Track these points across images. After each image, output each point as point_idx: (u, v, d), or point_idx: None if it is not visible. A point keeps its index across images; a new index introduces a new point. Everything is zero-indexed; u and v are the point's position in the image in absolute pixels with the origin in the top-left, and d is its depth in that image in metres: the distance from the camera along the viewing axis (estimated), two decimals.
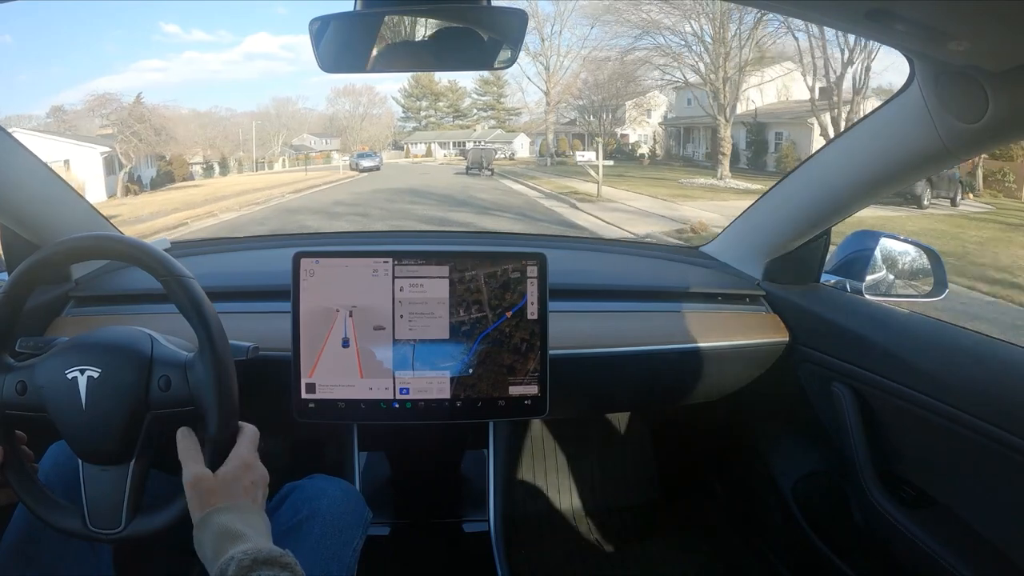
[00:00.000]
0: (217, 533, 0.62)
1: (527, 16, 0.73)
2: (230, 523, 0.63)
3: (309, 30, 0.74)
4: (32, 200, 1.07)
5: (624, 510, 1.63)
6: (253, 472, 0.70)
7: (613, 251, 1.61)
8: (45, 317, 1.12)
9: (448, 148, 38.89)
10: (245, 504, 0.67)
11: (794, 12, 0.74)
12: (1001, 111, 0.72)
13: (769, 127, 21.17)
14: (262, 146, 34.97)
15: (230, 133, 33.39)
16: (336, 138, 39.76)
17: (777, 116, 20.93)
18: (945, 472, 0.98)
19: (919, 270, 1.28)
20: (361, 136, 39.89)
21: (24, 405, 0.72)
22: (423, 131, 43.67)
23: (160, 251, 0.73)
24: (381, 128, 42.24)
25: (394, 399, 1.01)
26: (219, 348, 0.71)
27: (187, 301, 0.71)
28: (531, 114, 37.63)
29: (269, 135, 35.41)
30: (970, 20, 0.61)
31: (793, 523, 1.26)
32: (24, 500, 0.72)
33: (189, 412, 0.72)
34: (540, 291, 1.03)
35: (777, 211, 1.25)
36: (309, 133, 39.18)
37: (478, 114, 45.05)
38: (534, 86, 42.67)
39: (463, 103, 45.20)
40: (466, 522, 1.21)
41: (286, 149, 36.35)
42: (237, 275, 1.27)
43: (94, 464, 0.72)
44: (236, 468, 0.69)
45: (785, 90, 21.82)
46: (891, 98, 0.90)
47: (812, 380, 1.20)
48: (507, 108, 43.95)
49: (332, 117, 42.01)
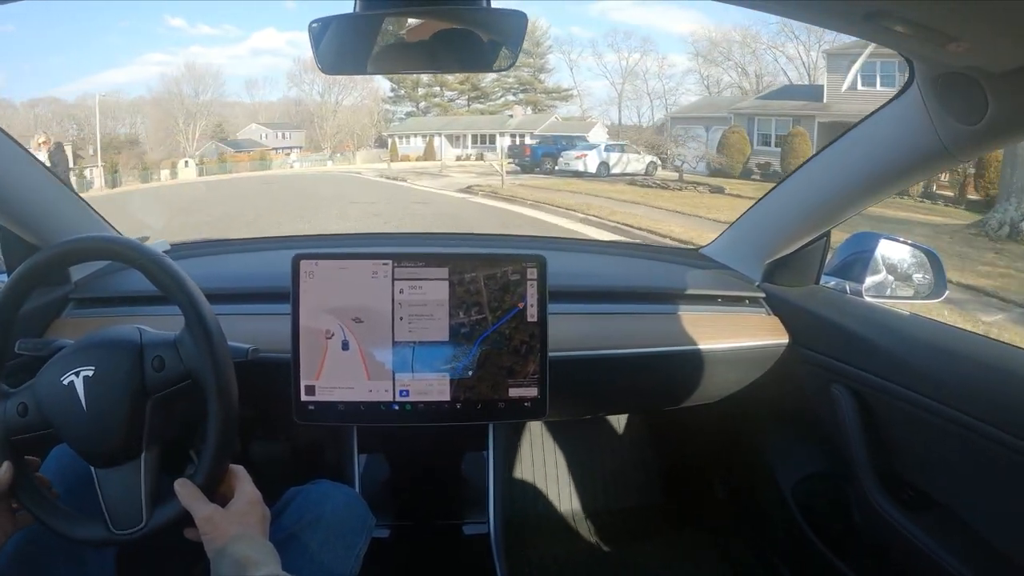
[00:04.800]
0: (236, 561, 0.65)
1: (527, 18, 0.73)
2: (248, 551, 0.66)
3: (309, 31, 0.74)
4: (31, 201, 1.07)
5: (624, 512, 1.63)
6: (261, 507, 0.73)
7: (613, 253, 1.61)
8: (44, 319, 1.12)
9: (464, 144, 25.57)
10: (258, 536, 0.70)
11: (793, 14, 0.74)
12: (1001, 112, 0.72)
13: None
14: (166, 141, 25.24)
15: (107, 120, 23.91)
16: (299, 130, 28.69)
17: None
18: (945, 473, 0.98)
19: (918, 271, 1.28)
20: (332, 127, 28.68)
21: (29, 426, 0.72)
22: (422, 116, 29.38)
23: (159, 253, 0.73)
24: (361, 116, 29.77)
25: (394, 401, 1.01)
26: (208, 321, 0.71)
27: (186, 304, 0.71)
28: (587, 102, 26.63)
29: (175, 124, 25.57)
30: (969, 22, 0.61)
31: (793, 524, 1.26)
32: (44, 522, 0.72)
33: (188, 386, 0.73)
34: (540, 293, 1.03)
35: (777, 212, 1.25)
36: (260, 124, 28.28)
37: (505, 96, 30.15)
38: (592, 61, 30.32)
39: (484, 78, 28.76)
40: (466, 524, 1.20)
41: (214, 145, 25.80)
42: (237, 277, 1.27)
43: (107, 467, 0.72)
44: (245, 504, 0.72)
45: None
46: (890, 100, 0.90)
47: (812, 382, 1.20)
48: (549, 90, 29.72)
49: (298, 101, 30.18)
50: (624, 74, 27.26)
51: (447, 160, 23.78)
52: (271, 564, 0.66)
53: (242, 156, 25.25)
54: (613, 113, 27.67)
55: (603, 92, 29.82)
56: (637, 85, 27.73)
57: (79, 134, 24.71)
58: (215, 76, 30.90)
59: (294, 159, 26.72)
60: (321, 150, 27.87)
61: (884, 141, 0.94)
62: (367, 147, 28.11)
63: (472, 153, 25.21)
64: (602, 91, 30.12)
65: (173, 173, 22.61)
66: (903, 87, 0.85)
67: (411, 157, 25.17)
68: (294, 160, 26.54)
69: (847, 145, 1.04)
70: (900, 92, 0.87)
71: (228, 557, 0.65)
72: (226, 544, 0.67)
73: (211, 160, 24.69)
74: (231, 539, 0.67)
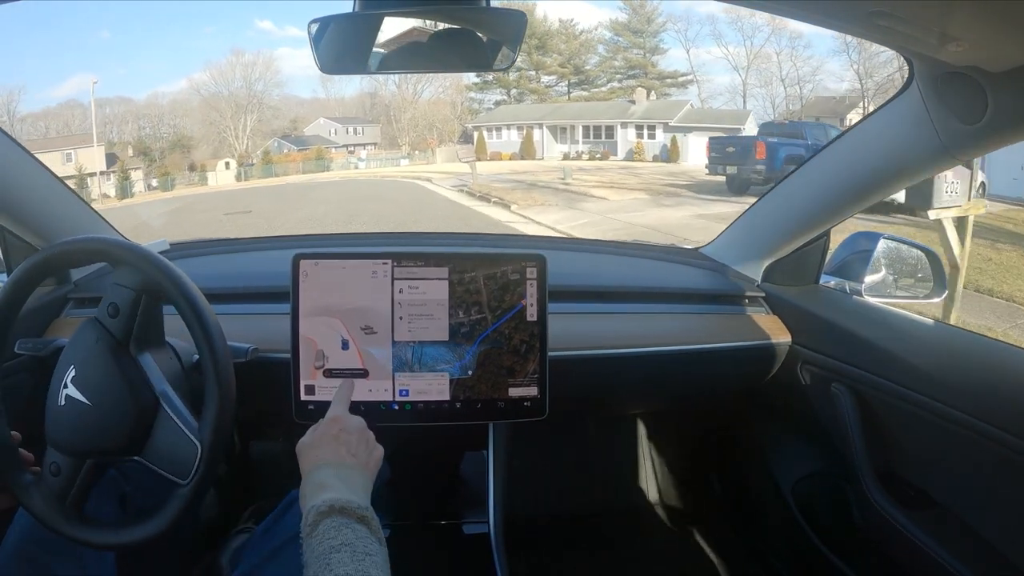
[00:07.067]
0: (313, 485, 0.68)
1: (526, 17, 0.73)
2: (324, 478, 0.69)
3: (308, 31, 0.74)
4: (32, 202, 1.07)
5: (624, 511, 1.63)
6: (340, 423, 0.78)
7: (612, 252, 1.61)
8: (44, 318, 1.12)
9: (572, 138, 19.31)
10: (346, 463, 0.73)
11: (794, 13, 0.74)
12: (1001, 112, 0.72)
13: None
14: (210, 137, 22.08)
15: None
16: (373, 125, 25.26)
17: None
18: (945, 472, 0.98)
19: (918, 271, 1.28)
20: (409, 120, 24.30)
21: (82, 475, 0.72)
22: (515, 104, 23.55)
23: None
24: (441, 107, 25.12)
25: (393, 400, 1.01)
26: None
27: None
28: (705, 89, 19.74)
29: (221, 118, 21.84)
30: (970, 21, 0.61)
31: (793, 524, 1.26)
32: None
33: (150, 306, 0.73)
34: (540, 292, 1.03)
35: (777, 212, 1.25)
36: (329, 118, 24.78)
37: (611, 82, 23.92)
38: (711, 41, 21.18)
39: (588, 59, 23.15)
40: (466, 524, 1.20)
41: (275, 142, 22.79)
42: (236, 276, 1.27)
43: (146, 439, 0.72)
44: (326, 424, 0.77)
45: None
46: (891, 99, 0.90)
47: (812, 381, 1.20)
48: (664, 74, 23.60)
49: (373, 94, 26.49)
50: (749, 57, 21.42)
51: (548, 160, 16.59)
52: (344, 490, 0.68)
53: (294, 156, 22.09)
54: (733, 104, 21.26)
55: (724, 78, 22.62)
56: (763, 70, 22.21)
57: (153, 133, 22.90)
58: (267, 64, 26.55)
59: (360, 158, 23.26)
60: (397, 147, 23.98)
61: (884, 140, 0.94)
62: (449, 142, 23.28)
63: (584, 150, 18.95)
64: (722, 76, 23.07)
65: (202, 177, 20.03)
66: (903, 87, 0.85)
67: (503, 155, 19.48)
68: (359, 160, 23.14)
69: (847, 145, 1.04)
70: (900, 91, 0.87)
71: (309, 482, 0.70)
72: (311, 469, 0.71)
73: (278, 156, 21.56)
74: (317, 465, 0.71)
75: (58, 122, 22.43)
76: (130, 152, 21.58)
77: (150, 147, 22.48)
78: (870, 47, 17.18)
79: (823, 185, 1.11)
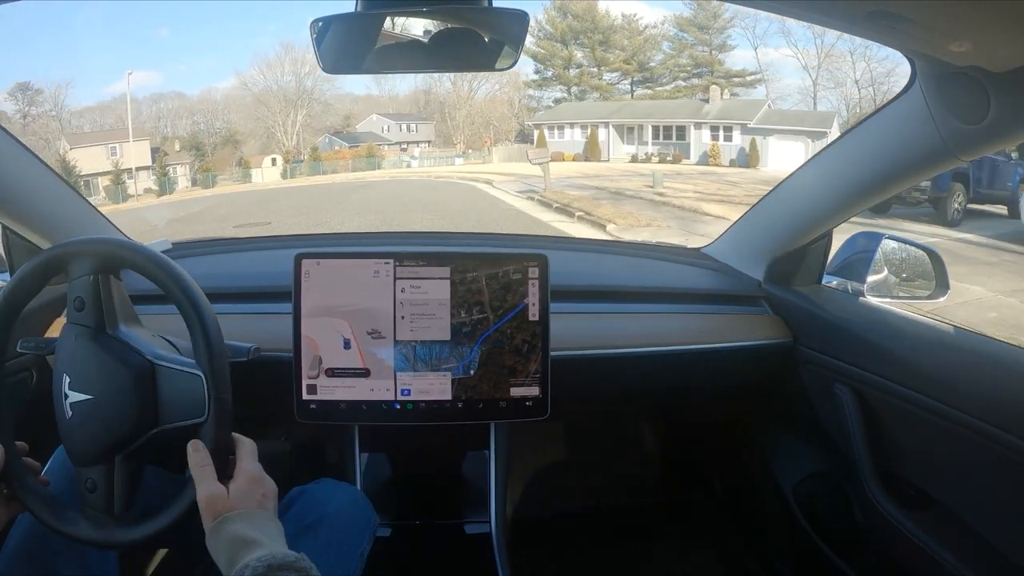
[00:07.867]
0: (230, 541, 0.62)
1: (528, 17, 0.73)
2: (243, 531, 0.62)
3: (310, 31, 0.75)
4: (35, 202, 1.07)
5: (626, 511, 1.63)
6: (263, 485, 0.70)
7: (614, 252, 1.61)
8: (46, 318, 1.12)
9: (641, 138, 17.38)
10: (257, 512, 0.66)
11: (795, 13, 0.74)
12: (1003, 112, 0.72)
13: None
14: (266, 135, 21.19)
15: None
16: (427, 122, 23.78)
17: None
18: (946, 473, 0.98)
19: (920, 271, 1.27)
20: (465, 118, 22.81)
21: (118, 479, 0.72)
22: (576, 102, 21.85)
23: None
24: (498, 105, 23.47)
25: (395, 400, 1.01)
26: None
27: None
28: (774, 90, 17.96)
29: (269, 113, 20.94)
30: (972, 21, 0.61)
31: (795, 524, 1.26)
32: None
33: (113, 285, 0.74)
34: (541, 292, 1.03)
35: (779, 212, 1.25)
36: (382, 115, 23.42)
37: (675, 81, 22.04)
38: (780, 38, 19.47)
39: (652, 56, 21.50)
40: (467, 523, 1.20)
41: (327, 139, 21.76)
42: (238, 276, 1.27)
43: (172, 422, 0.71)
44: (245, 482, 0.68)
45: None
46: (893, 99, 0.90)
47: (813, 381, 1.20)
48: (731, 73, 21.33)
49: (427, 91, 24.83)
50: (820, 56, 19.45)
51: (616, 163, 14.52)
52: (270, 543, 0.62)
53: (344, 153, 21.00)
54: (803, 106, 19.78)
55: (793, 79, 21.06)
56: (835, 71, 20.13)
57: (207, 128, 22.43)
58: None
59: (413, 156, 22.21)
60: (452, 145, 22.90)
61: (886, 140, 0.94)
62: (506, 141, 21.74)
63: (653, 151, 17.23)
64: (791, 77, 21.53)
65: (246, 175, 18.89)
66: (905, 87, 0.85)
67: (566, 156, 17.61)
68: (412, 157, 21.99)
69: (849, 145, 1.04)
70: (902, 92, 0.86)
71: (222, 536, 0.62)
72: (221, 521, 0.63)
73: (327, 154, 20.26)
74: (227, 517, 0.64)
75: (112, 116, 22.22)
76: (177, 147, 21.10)
77: (203, 142, 22.05)
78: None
79: (825, 185, 1.11)
